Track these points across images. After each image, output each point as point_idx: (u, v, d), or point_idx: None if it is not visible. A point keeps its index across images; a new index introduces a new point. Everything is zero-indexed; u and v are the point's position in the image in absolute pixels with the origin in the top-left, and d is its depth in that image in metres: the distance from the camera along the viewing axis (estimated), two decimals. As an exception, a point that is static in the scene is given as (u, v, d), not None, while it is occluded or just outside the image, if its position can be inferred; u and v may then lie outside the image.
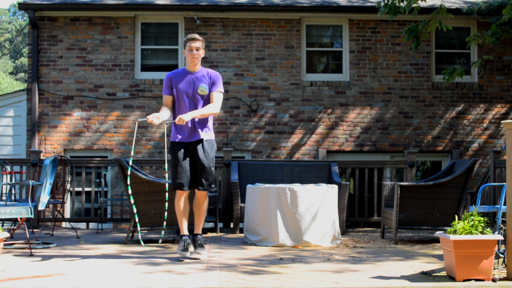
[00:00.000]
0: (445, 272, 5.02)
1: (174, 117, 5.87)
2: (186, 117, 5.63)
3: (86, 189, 9.61)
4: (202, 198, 5.92)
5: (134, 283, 4.66)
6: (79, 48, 11.46)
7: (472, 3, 11.77)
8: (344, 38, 11.74)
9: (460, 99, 11.69)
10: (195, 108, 5.80)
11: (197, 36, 5.86)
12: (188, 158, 5.81)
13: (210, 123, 5.95)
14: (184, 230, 5.89)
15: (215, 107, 5.79)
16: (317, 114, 11.56)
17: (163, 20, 11.64)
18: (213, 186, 5.88)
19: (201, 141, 5.84)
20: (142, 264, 5.48)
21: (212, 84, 5.83)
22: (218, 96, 5.83)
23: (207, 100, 5.84)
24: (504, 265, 5.06)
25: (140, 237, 6.58)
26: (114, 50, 11.46)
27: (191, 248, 5.84)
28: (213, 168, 5.89)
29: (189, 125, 5.80)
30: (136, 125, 5.95)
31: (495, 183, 7.38)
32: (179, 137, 5.83)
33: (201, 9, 11.34)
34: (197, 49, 5.81)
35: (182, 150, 5.80)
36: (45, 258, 5.86)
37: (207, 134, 5.88)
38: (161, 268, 5.29)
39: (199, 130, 5.82)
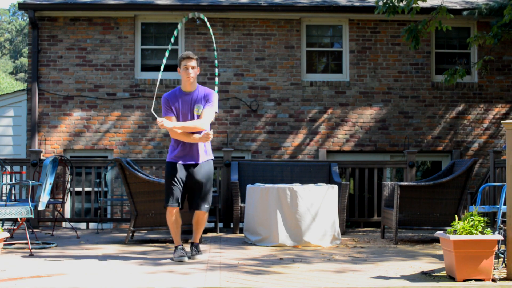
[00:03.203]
0: (445, 272, 5.02)
1: (177, 139, 5.78)
2: (167, 124, 5.54)
3: (86, 189, 9.60)
4: (201, 215, 5.86)
5: (134, 283, 4.66)
6: (79, 48, 11.46)
7: (472, 3, 11.77)
8: (344, 38, 11.74)
9: (460, 99, 11.69)
10: None
11: (191, 54, 5.77)
12: (182, 178, 5.74)
13: (209, 142, 5.87)
14: (178, 241, 5.83)
15: (202, 123, 5.65)
16: (317, 114, 11.56)
17: (163, 20, 11.64)
18: (209, 206, 5.86)
19: (198, 164, 5.79)
20: (142, 264, 5.48)
21: (206, 102, 5.73)
22: (208, 112, 5.70)
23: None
24: (504, 265, 5.06)
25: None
26: (114, 50, 11.46)
27: (186, 257, 5.75)
28: (211, 189, 5.88)
29: (187, 146, 5.74)
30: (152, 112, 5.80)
31: (495, 183, 7.38)
32: (176, 158, 5.76)
33: (201, 9, 11.33)
34: (193, 68, 5.72)
35: (178, 169, 5.74)
36: (45, 258, 5.86)
37: (206, 156, 5.84)
38: (161, 268, 5.29)
39: (198, 152, 5.76)
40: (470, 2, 11.87)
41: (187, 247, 6.22)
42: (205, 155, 5.83)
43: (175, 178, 5.71)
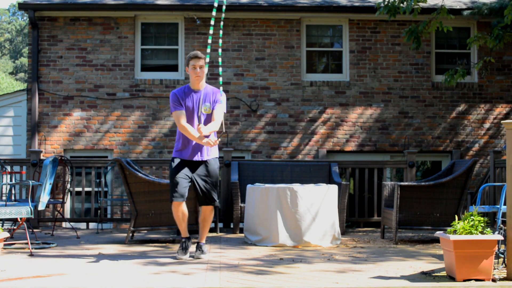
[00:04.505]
0: (445, 272, 5.02)
1: (183, 136, 5.83)
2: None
3: (86, 189, 9.60)
4: (208, 211, 5.96)
5: (134, 283, 4.66)
6: (79, 48, 11.46)
7: (473, 2, 11.77)
8: (344, 38, 11.74)
9: (460, 99, 11.69)
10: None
11: (199, 53, 5.85)
12: (186, 173, 5.80)
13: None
14: (185, 232, 5.91)
15: (217, 125, 5.80)
16: (317, 114, 11.56)
17: (163, 20, 11.64)
18: (216, 202, 5.95)
19: (205, 160, 5.88)
20: (142, 264, 5.48)
21: (215, 102, 5.84)
22: (219, 113, 5.81)
23: (210, 118, 5.85)
24: (504, 265, 5.06)
25: None
26: (114, 50, 11.46)
27: (189, 250, 5.83)
28: (217, 186, 5.95)
29: (193, 142, 5.81)
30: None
31: (495, 183, 7.38)
32: (182, 154, 5.84)
33: (201, 9, 11.33)
34: (201, 67, 5.80)
35: (182, 164, 5.81)
36: (45, 258, 5.86)
37: (211, 153, 5.92)
38: (161, 268, 5.29)
39: (204, 149, 5.84)
40: (471, 2, 11.86)
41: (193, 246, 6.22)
42: (211, 152, 5.91)
43: (180, 173, 5.77)
